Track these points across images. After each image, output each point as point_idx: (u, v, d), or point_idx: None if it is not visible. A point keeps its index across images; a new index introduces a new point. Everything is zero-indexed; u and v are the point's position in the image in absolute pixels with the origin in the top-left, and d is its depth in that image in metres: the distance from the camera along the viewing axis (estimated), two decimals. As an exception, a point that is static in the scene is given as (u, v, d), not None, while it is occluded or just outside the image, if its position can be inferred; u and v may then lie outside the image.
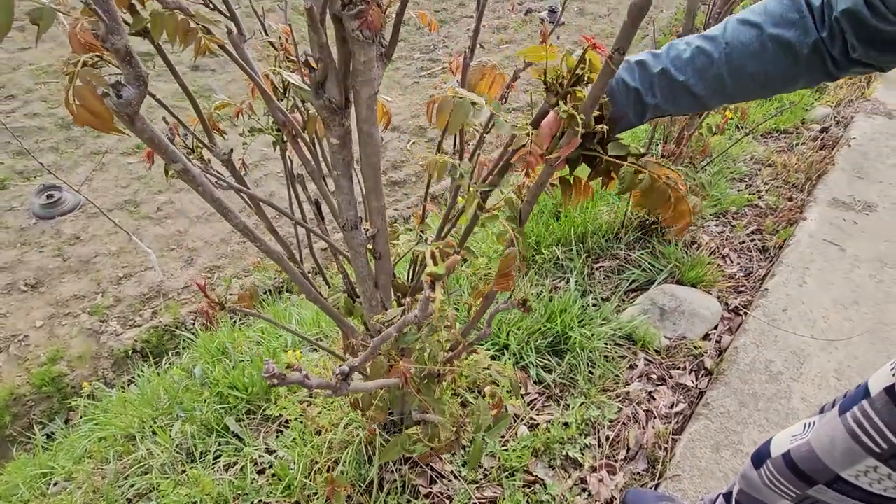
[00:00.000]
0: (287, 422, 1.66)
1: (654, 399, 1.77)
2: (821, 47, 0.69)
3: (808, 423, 0.97)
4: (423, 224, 1.19)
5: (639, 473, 1.55)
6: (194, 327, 2.77)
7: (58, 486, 1.63)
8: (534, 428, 1.66)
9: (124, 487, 1.54)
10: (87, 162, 3.95)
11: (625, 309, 2.12)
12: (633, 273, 2.26)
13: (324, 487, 1.40)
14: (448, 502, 1.45)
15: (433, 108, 0.76)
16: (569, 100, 0.72)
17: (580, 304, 1.98)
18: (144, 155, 1.05)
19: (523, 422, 1.67)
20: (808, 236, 2.47)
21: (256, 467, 1.55)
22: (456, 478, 1.50)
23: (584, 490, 1.50)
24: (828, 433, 0.88)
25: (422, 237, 1.14)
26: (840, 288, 2.18)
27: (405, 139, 4.46)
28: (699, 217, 2.65)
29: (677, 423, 1.70)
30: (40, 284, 3.04)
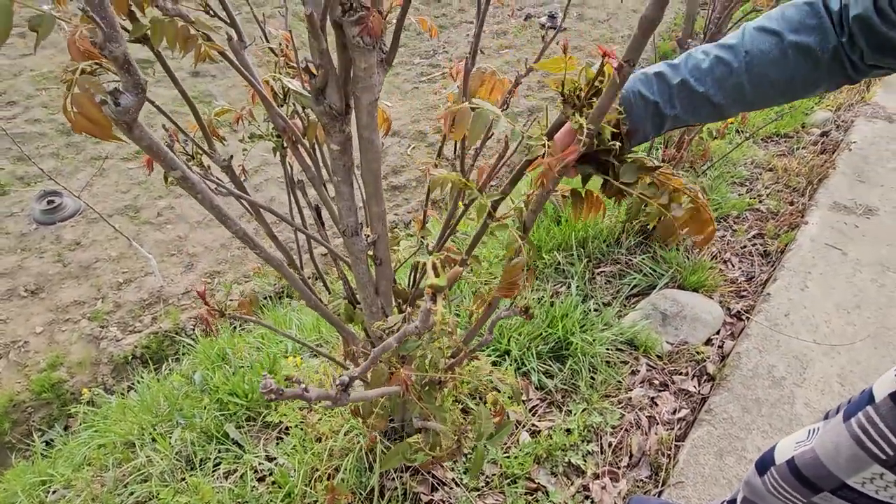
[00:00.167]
0: (287, 428, 1.66)
1: (656, 405, 1.76)
2: (841, 52, 0.69)
3: (812, 430, 0.96)
4: (423, 230, 1.19)
5: (642, 480, 1.54)
6: (194, 333, 2.76)
7: (57, 494, 1.62)
8: (536, 434, 1.65)
9: (123, 495, 1.53)
10: (87, 167, 3.95)
11: (626, 314, 2.11)
12: (635, 278, 2.25)
13: (324, 495, 1.39)
14: (449, 510, 1.44)
15: (449, 119, 0.75)
16: (585, 112, 0.72)
17: (581, 310, 1.97)
18: (144, 161, 1.05)
19: (525, 428, 1.66)
20: (809, 240, 2.47)
21: (256, 475, 1.54)
22: (457, 485, 1.49)
23: (586, 497, 1.49)
24: (832, 440, 0.87)
25: (422, 243, 1.13)
26: (842, 292, 2.17)
27: (405, 144, 4.46)
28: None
29: (680, 429, 1.69)
30: (40, 290, 3.03)
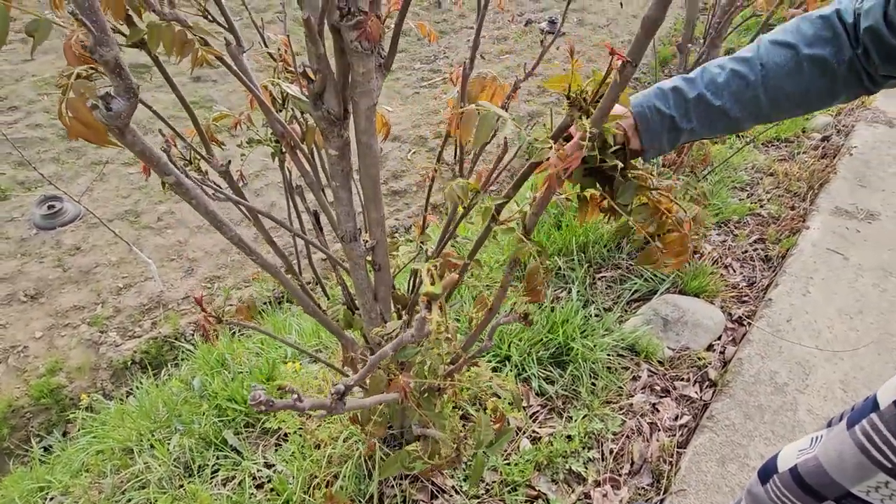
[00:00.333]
0: (286, 435, 1.65)
1: (658, 411, 1.75)
2: (856, 64, 0.69)
3: (816, 437, 0.95)
4: (423, 235, 1.18)
5: (643, 488, 1.53)
6: (194, 338, 2.75)
7: (54, 501, 1.61)
8: (536, 441, 1.63)
9: (121, 502, 1.52)
10: (87, 172, 3.96)
11: (627, 319, 2.10)
12: (636, 283, 2.25)
13: (323, 502, 1.38)
14: (449, 517, 1.43)
15: (457, 121, 0.77)
16: (590, 114, 0.73)
17: (582, 315, 1.96)
18: (142, 166, 1.05)
19: (525, 435, 1.65)
20: (810, 245, 2.46)
21: (255, 482, 1.53)
22: (457, 493, 1.47)
23: (587, 505, 1.48)
24: (836, 447, 0.86)
25: (422, 248, 1.13)
26: (844, 297, 2.16)
27: (406, 149, 4.47)
28: (700, 226, 2.64)
29: (682, 435, 1.67)
30: (40, 295, 3.03)
